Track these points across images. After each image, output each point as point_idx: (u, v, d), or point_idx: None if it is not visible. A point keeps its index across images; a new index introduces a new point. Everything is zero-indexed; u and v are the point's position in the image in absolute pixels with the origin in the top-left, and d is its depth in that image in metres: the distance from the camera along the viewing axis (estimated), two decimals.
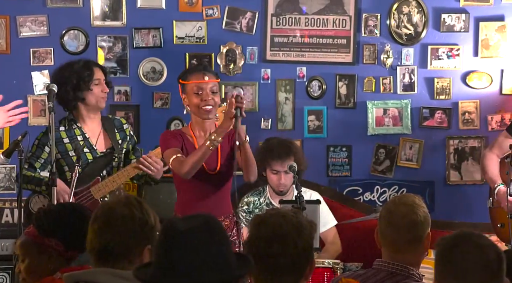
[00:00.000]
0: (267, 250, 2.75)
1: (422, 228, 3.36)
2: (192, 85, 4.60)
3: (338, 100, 6.20)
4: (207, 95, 4.57)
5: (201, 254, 2.26)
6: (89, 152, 5.02)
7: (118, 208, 2.93)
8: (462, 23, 6.08)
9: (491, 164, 5.16)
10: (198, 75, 4.64)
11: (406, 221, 3.34)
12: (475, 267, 2.75)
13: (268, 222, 2.81)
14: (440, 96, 6.13)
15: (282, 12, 6.19)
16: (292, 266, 2.75)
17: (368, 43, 6.15)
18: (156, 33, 6.20)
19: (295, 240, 2.75)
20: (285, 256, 2.74)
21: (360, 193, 6.22)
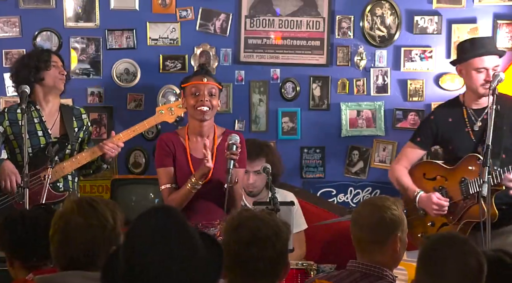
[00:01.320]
0: (246, 253, 2.73)
1: (387, 230, 3.36)
2: (191, 86, 4.65)
3: (312, 102, 6.21)
4: (204, 96, 4.60)
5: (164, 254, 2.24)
6: (42, 135, 5.09)
7: (73, 219, 2.88)
8: (435, 25, 6.11)
9: (403, 175, 5.13)
10: (198, 77, 4.69)
11: (369, 221, 3.36)
12: (453, 272, 2.75)
13: (246, 226, 2.79)
14: (413, 98, 6.16)
15: (256, 14, 6.19)
16: (269, 269, 2.75)
17: (341, 45, 6.17)
18: (129, 35, 6.18)
19: (273, 243, 2.75)
20: (263, 260, 2.73)
21: (334, 194, 6.23)
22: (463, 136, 4.97)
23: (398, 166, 5.19)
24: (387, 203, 3.40)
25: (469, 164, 4.88)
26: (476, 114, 4.99)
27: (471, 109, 5.01)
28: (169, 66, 6.20)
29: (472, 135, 4.97)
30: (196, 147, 4.67)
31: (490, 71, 4.88)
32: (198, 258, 2.28)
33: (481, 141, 4.90)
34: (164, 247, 2.24)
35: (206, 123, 4.66)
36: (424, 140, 5.12)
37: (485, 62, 4.88)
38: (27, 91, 4.85)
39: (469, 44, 5.01)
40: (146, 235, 2.25)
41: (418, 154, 5.20)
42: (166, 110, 5.17)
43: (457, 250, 2.78)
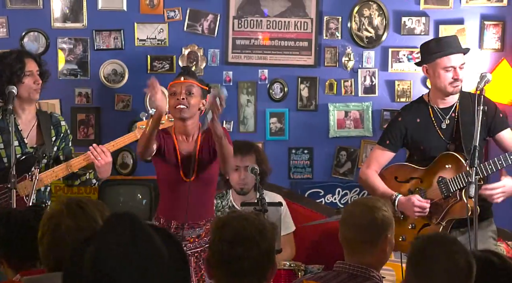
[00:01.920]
0: (231, 253, 2.74)
1: (378, 230, 3.37)
2: (170, 87, 4.66)
3: (300, 102, 6.21)
4: (180, 94, 4.59)
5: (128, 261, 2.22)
6: (18, 145, 4.92)
7: (62, 221, 2.86)
8: (422, 26, 6.13)
9: (376, 180, 5.09)
10: (177, 78, 4.70)
11: (360, 221, 3.36)
12: (442, 272, 2.76)
13: (231, 225, 2.80)
14: (401, 99, 6.17)
15: (244, 15, 6.19)
16: (255, 269, 2.75)
17: (329, 46, 6.18)
18: (117, 35, 6.17)
19: (258, 242, 2.75)
20: (249, 259, 2.73)
21: (322, 195, 6.24)
22: (432, 135, 4.99)
23: (369, 171, 5.13)
24: (378, 204, 3.41)
25: (445, 162, 4.90)
26: (443, 112, 5.01)
27: (438, 108, 5.03)
28: (157, 66, 6.19)
29: (441, 134, 4.99)
30: (183, 147, 4.66)
31: (458, 69, 4.92)
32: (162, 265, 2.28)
33: (451, 139, 4.95)
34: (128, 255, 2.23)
35: (188, 122, 4.64)
36: (393, 142, 5.10)
37: (452, 61, 4.92)
38: (14, 92, 4.79)
39: (434, 44, 5.04)
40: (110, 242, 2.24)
41: (387, 156, 5.15)
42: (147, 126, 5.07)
43: (446, 250, 2.78)
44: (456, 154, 4.84)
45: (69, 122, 6.06)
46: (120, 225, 2.26)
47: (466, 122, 4.90)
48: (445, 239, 2.86)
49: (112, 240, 2.24)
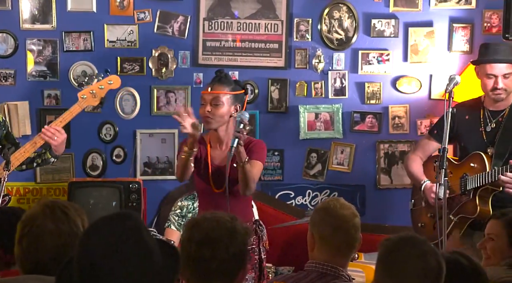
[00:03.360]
0: (198, 253, 2.74)
1: (354, 230, 3.40)
2: (201, 94, 4.68)
3: (270, 104, 6.22)
4: (205, 106, 4.59)
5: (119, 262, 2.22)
6: None
7: (43, 224, 2.84)
8: (392, 28, 6.15)
9: (414, 164, 5.27)
10: (207, 86, 4.71)
11: (341, 222, 3.37)
12: (414, 273, 2.77)
13: (201, 226, 2.80)
14: (371, 101, 6.20)
15: (214, 17, 6.18)
16: (222, 271, 2.75)
17: (299, 48, 6.19)
18: (87, 37, 6.14)
19: (226, 245, 2.75)
20: (216, 260, 2.73)
21: (292, 197, 6.25)
22: (475, 135, 5.04)
23: (413, 155, 5.33)
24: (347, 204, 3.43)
25: (472, 161, 4.97)
26: (492, 116, 5.06)
27: (488, 111, 5.08)
28: (127, 68, 6.17)
29: (484, 135, 5.04)
30: (216, 156, 4.64)
31: (500, 78, 4.96)
32: (154, 265, 2.28)
33: (492, 142, 4.99)
34: (119, 255, 2.23)
35: (220, 130, 4.65)
36: (440, 133, 5.12)
37: (494, 69, 4.96)
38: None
39: (484, 48, 5.10)
40: (101, 242, 2.24)
41: (433, 146, 5.25)
42: (88, 94, 5.09)
43: (417, 250, 2.79)
44: (483, 155, 4.90)
45: (39, 123, 6.04)
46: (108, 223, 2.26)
47: (507, 129, 4.95)
48: (416, 239, 2.86)
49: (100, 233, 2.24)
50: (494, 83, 4.97)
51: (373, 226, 5.89)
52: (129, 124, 6.17)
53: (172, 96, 6.20)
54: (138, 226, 2.30)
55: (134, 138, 6.17)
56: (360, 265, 5.46)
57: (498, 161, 4.86)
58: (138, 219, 2.32)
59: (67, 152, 5.97)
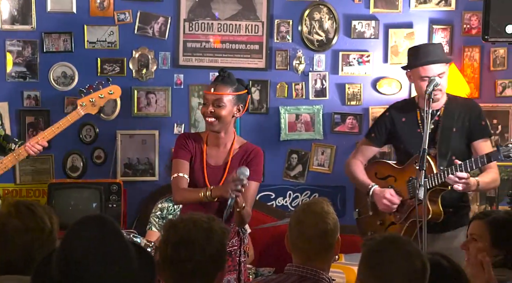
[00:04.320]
0: (174, 255, 2.74)
1: (332, 235, 3.38)
2: (205, 96, 4.56)
3: (251, 105, 6.22)
4: (208, 106, 4.51)
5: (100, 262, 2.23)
6: None
7: (9, 222, 2.83)
8: (372, 30, 6.17)
9: (358, 169, 5.14)
10: (210, 86, 4.60)
11: (317, 231, 3.35)
12: (400, 274, 2.76)
13: (178, 227, 2.80)
14: (351, 102, 6.21)
15: (195, 18, 6.18)
16: (199, 272, 2.74)
17: (280, 49, 6.19)
18: (67, 38, 6.11)
19: (203, 246, 2.74)
20: (192, 262, 2.73)
21: (273, 198, 6.25)
22: (414, 137, 4.98)
23: (354, 160, 5.19)
24: (325, 208, 3.41)
25: (416, 163, 4.93)
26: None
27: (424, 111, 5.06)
28: (107, 69, 6.15)
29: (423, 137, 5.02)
30: (212, 154, 4.57)
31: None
32: (133, 270, 2.28)
33: (432, 142, 4.95)
34: (100, 255, 2.23)
35: (221, 134, 4.55)
36: (378, 136, 5.12)
37: (428, 71, 4.89)
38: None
39: (414, 52, 5.04)
40: (82, 243, 2.24)
41: (372, 150, 5.20)
42: (87, 102, 5.11)
43: (403, 251, 2.78)
44: (427, 157, 4.87)
45: (18, 125, 6.02)
46: (91, 224, 2.27)
47: (446, 127, 4.91)
48: (400, 240, 2.86)
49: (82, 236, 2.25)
50: None
51: (353, 227, 5.88)
52: (109, 126, 6.15)
53: (152, 98, 6.19)
54: (118, 230, 2.31)
55: (114, 140, 6.16)
56: (340, 266, 5.47)
57: (443, 160, 4.82)
58: (116, 223, 2.33)
59: (47, 153, 5.95)
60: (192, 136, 4.61)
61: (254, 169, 4.47)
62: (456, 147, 4.90)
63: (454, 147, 4.89)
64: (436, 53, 5.00)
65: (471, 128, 4.95)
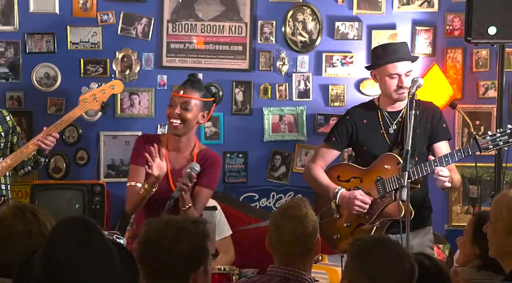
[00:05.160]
0: (142, 255, 2.74)
1: (311, 238, 3.39)
2: (171, 95, 4.55)
3: (234, 106, 6.22)
4: (174, 108, 4.50)
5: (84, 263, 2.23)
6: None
7: (13, 225, 2.83)
8: (356, 31, 6.18)
9: (320, 173, 5.11)
10: (178, 88, 4.59)
11: (296, 236, 3.36)
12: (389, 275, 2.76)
13: (150, 227, 2.79)
14: (335, 103, 6.22)
15: (178, 19, 6.17)
16: (167, 272, 2.72)
17: (264, 50, 6.20)
18: (49, 38, 6.10)
19: (169, 246, 2.72)
20: (160, 262, 2.71)
21: (256, 199, 6.25)
22: (378, 138, 5.01)
23: (314, 165, 5.15)
24: (303, 212, 3.41)
25: (384, 163, 4.92)
26: (391, 117, 5.05)
27: (386, 112, 5.06)
28: (90, 70, 6.14)
29: (386, 138, 5.02)
30: (172, 158, 4.55)
31: (403, 76, 4.93)
32: (115, 271, 2.28)
33: (395, 144, 4.97)
34: (83, 256, 2.23)
35: (182, 139, 4.56)
36: (339, 140, 5.12)
37: (397, 68, 4.93)
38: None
39: (381, 50, 5.05)
40: (65, 244, 2.24)
41: (333, 154, 5.19)
42: (90, 98, 5.10)
43: (392, 252, 2.78)
44: (396, 155, 4.88)
45: None
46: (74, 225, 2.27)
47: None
48: (389, 241, 2.85)
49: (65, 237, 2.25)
50: (398, 82, 4.93)
51: None
52: (92, 127, 6.14)
53: (136, 99, 6.18)
54: (100, 231, 2.31)
55: (97, 141, 6.14)
56: (323, 267, 5.48)
57: (411, 159, 4.83)
58: (97, 224, 2.33)
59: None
60: (152, 139, 4.58)
61: (209, 176, 4.48)
62: (419, 148, 4.93)
63: (418, 149, 4.91)
64: (404, 51, 5.04)
65: (433, 131, 5.00)
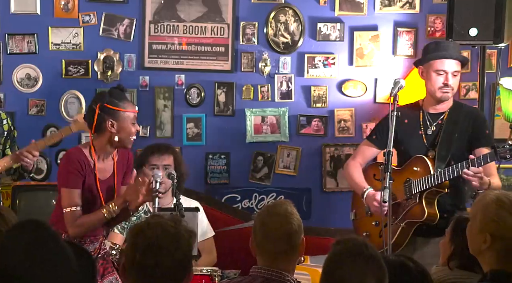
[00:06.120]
0: (143, 261, 2.73)
1: (297, 236, 3.40)
2: (132, 115, 4.45)
3: (217, 108, 6.22)
4: (138, 127, 4.49)
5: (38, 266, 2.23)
6: None
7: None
8: (337, 32, 6.19)
9: (355, 171, 5.17)
10: (131, 104, 4.51)
11: (282, 232, 3.36)
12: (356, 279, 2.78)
13: (145, 233, 2.78)
14: (317, 104, 6.23)
15: (160, 20, 6.16)
16: (168, 277, 2.74)
17: (246, 51, 6.20)
18: (31, 39, 6.08)
19: (171, 251, 2.73)
20: (161, 268, 2.72)
21: (239, 200, 6.25)
22: (416, 139, 4.99)
23: (353, 162, 5.21)
24: (289, 210, 3.42)
25: (414, 165, 4.93)
26: (432, 118, 5.02)
27: (428, 113, 5.03)
28: (72, 71, 6.12)
29: (424, 139, 5.00)
30: (100, 168, 4.53)
31: (449, 75, 4.90)
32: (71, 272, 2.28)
33: (432, 145, 4.95)
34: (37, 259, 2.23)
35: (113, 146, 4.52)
36: (379, 138, 5.11)
37: (445, 65, 4.89)
38: None
39: (433, 45, 5.03)
40: (18, 247, 2.24)
41: (373, 152, 5.20)
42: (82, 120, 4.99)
43: (358, 268, 2.79)
44: (425, 158, 4.88)
45: None
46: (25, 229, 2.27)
47: (448, 131, 4.92)
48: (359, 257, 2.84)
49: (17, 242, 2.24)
50: (444, 79, 4.91)
51: (319, 229, 5.91)
52: None
53: None
54: (53, 233, 2.31)
55: (79, 142, 6.11)
56: (306, 268, 5.48)
57: (441, 163, 4.87)
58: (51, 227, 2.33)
59: None
60: (80, 156, 4.43)
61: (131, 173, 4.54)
62: (456, 152, 4.92)
63: (454, 153, 4.91)
64: (455, 51, 5.01)
65: (474, 136, 4.95)
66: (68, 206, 4.35)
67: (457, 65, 4.94)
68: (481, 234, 3.02)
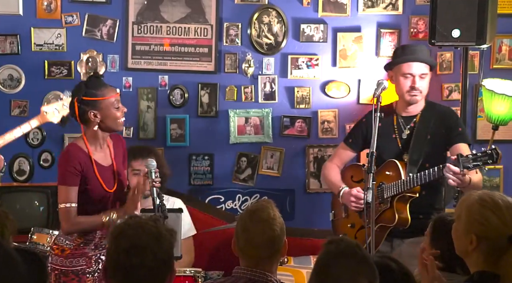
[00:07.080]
0: (126, 262, 2.72)
1: (279, 241, 3.41)
2: (113, 100, 4.45)
3: (200, 109, 6.21)
4: (123, 107, 4.50)
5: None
6: None
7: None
8: (321, 33, 6.20)
9: (331, 172, 5.23)
10: (110, 89, 4.51)
11: (265, 238, 3.36)
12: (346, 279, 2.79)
13: (127, 234, 2.78)
14: (300, 106, 6.23)
15: (143, 20, 6.15)
16: (151, 277, 2.74)
17: (229, 52, 6.19)
18: (13, 40, 6.05)
19: (154, 251, 2.74)
20: (144, 268, 2.72)
21: (222, 201, 6.25)
22: (390, 142, 5.01)
23: (330, 163, 5.28)
24: (271, 214, 3.42)
25: (387, 169, 4.94)
26: (405, 122, 5.05)
27: (401, 117, 5.07)
28: (54, 72, 6.10)
29: (399, 142, 5.01)
30: (97, 157, 4.53)
31: (417, 78, 4.94)
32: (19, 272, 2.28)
33: (407, 149, 4.97)
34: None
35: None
36: (354, 141, 5.18)
37: (412, 68, 4.94)
38: None
39: (400, 50, 5.09)
40: None
41: (349, 155, 5.26)
42: (51, 111, 5.04)
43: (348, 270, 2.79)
44: (397, 162, 4.89)
45: None
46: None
47: (420, 134, 4.94)
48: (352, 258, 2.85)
49: None
50: (411, 82, 4.95)
51: (302, 230, 5.92)
52: (57, 128, 6.05)
53: None
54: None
55: (62, 143, 6.10)
56: (289, 269, 5.48)
57: (413, 167, 4.86)
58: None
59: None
60: (78, 154, 4.46)
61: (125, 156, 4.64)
62: (431, 154, 4.92)
63: (428, 154, 4.91)
64: (422, 54, 5.04)
65: (448, 135, 4.98)
66: (63, 202, 4.41)
67: (424, 67, 4.98)
68: (467, 235, 3.02)
